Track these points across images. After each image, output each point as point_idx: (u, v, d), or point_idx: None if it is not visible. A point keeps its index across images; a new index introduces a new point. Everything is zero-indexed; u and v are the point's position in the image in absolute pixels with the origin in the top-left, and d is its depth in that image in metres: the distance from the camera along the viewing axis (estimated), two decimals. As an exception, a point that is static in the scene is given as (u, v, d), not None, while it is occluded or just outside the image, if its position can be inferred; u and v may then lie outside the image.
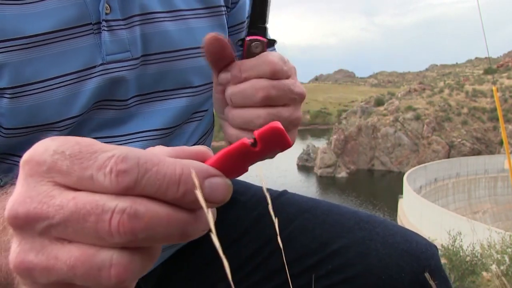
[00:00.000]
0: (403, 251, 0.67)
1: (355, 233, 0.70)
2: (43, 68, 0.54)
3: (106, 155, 0.26)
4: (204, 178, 0.27)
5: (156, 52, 0.61)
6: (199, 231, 0.28)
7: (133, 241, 0.25)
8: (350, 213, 0.75)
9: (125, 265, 0.25)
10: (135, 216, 0.25)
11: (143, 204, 0.25)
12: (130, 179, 0.25)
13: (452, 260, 9.25)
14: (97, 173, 0.25)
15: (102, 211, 0.25)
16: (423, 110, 52.69)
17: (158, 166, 0.26)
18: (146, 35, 0.60)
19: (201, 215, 0.28)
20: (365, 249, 0.68)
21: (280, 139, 0.30)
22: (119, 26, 0.58)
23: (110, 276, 0.25)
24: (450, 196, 33.94)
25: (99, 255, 0.25)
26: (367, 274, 0.66)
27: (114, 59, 0.58)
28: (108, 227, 0.25)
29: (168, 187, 0.26)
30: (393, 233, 0.70)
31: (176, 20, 0.63)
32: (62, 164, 0.26)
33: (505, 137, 7.54)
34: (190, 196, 0.27)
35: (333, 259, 0.69)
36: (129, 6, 0.59)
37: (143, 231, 0.25)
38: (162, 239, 0.26)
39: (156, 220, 0.25)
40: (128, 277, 0.26)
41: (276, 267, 0.73)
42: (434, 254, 0.69)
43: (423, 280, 0.65)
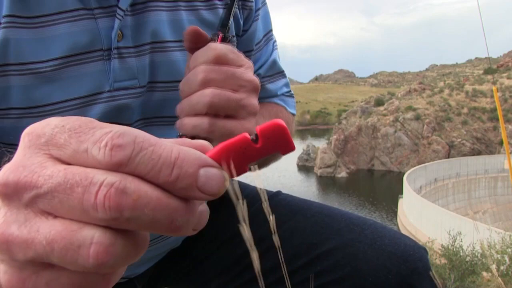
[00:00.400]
0: (390, 253, 0.68)
1: (344, 235, 0.71)
2: (52, 92, 0.54)
3: (104, 131, 0.26)
4: (200, 166, 0.26)
5: (163, 80, 0.62)
6: (189, 225, 0.27)
7: (118, 219, 0.24)
8: (340, 215, 0.76)
9: (106, 246, 0.24)
10: (123, 192, 0.24)
11: (133, 182, 0.25)
12: (124, 155, 0.25)
13: (452, 260, 9.25)
14: (92, 147, 0.25)
15: (90, 183, 0.24)
16: (423, 110, 52.68)
17: (154, 146, 0.26)
18: (154, 63, 0.61)
19: (194, 208, 0.27)
20: (354, 251, 0.69)
21: (282, 138, 0.29)
22: (129, 54, 0.58)
23: (89, 255, 0.24)
24: (450, 196, 33.92)
25: (81, 232, 0.24)
26: (355, 275, 0.67)
27: (121, 86, 0.58)
28: (94, 199, 0.24)
29: (162, 168, 0.25)
30: (382, 235, 0.70)
31: (185, 50, 0.62)
32: (60, 137, 0.26)
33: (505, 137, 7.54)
34: (183, 182, 0.26)
35: (322, 260, 0.70)
36: (141, 34, 0.59)
37: (130, 210, 0.24)
38: (148, 223, 0.25)
39: (144, 200, 0.25)
40: (108, 260, 0.24)
41: (268, 266, 0.73)
42: (422, 257, 0.69)
43: (410, 282, 0.66)
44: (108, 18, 0.56)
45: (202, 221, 0.28)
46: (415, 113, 51.49)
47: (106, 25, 0.56)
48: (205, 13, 0.65)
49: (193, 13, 0.64)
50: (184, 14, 0.63)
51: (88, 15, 0.55)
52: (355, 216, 0.76)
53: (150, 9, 0.59)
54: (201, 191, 0.26)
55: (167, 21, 0.61)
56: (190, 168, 0.26)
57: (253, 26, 0.72)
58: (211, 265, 0.80)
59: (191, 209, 0.27)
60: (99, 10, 0.55)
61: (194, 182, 0.26)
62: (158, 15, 0.60)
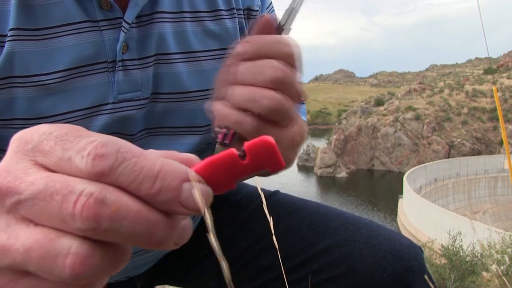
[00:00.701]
0: (385, 252, 0.69)
1: (340, 234, 0.72)
2: (56, 103, 0.54)
3: (89, 140, 0.25)
4: (183, 180, 0.26)
5: (166, 92, 0.61)
6: (170, 240, 0.26)
7: (96, 230, 0.24)
8: (336, 214, 0.77)
9: (84, 257, 0.24)
10: (102, 202, 0.24)
11: (114, 193, 0.25)
12: (106, 164, 0.25)
13: (452, 260, 9.26)
14: (76, 155, 0.25)
15: (70, 191, 0.24)
16: (423, 110, 52.69)
17: (138, 157, 0.25)
18: (158, 75, 0.60)
19: (177, 223, 0.27)
20: (349, 249, 0.70)
21: (271, 155, 0.29)
22: (133, 66, 0.58)
23: (65, 266, 0.24)
24: (450, 196, 33.94)
25: (59, 241, 0.24)
26: (350, 274, 0.68)
27: (125, 98, 0.58)
28: (72, 208, 0.24)
29: (144, 181, 0.25)
30: (377, 234, 0.71)
31: (189, 61, 0.62)
32: (47, 144, 0.26)
33: (505, 137, 7.54)
34: (165, 195, 0.25)
35: (318, 259, 0.71)
36: (146, 46, 0.58)
37: (108, 221, 0.24)
38: (127, 235, 0.25)
39: (124, 212, 0.24)
40: (85, 271, 0.24)
41: (265, 265, 0.75)
42: (417, 255, 0.70)
43: (405, 280, 0.67)
44: (113, 30, 0.55)
45: (185, 236, 0.28)
46: (415, 113, 51.51)
47: (111, 37, 0.55)
48: (210, 24, 0.64)
49: (198, 24, 0.63)
50: (189, 26, 0.62)
51: (94, 27, 0.54)
52: (351, 216, 0.77)
53: (155, 20, 0.59)
54: (183, 206, 0.26)
55: (172, 32, 0.60)
56: (173, 181, 0.26)
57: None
58: (209, 264, 0.81)
59: (173, 224, 0.26)
60: (104, 22, 0.55)
61: (177, 196, 0.26)
62: (163, 27, 0.59)
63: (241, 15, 0.67)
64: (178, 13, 0.61)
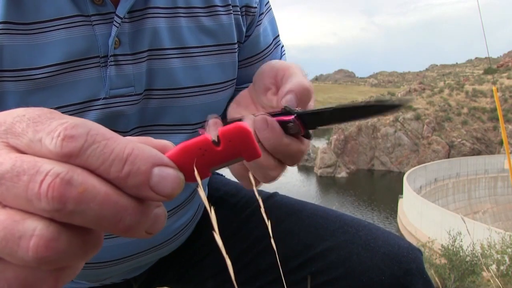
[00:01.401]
0: (384, 255, 0.68)
1: (338, 236, 0.72)
2: (47, 98, 0.53)
3: (60, 121, 0.25)
4: (154, 164, 0.26)
5: (160, 88, 0.60)
6: (140, 226, 0.26)
7: (61, 211, 0.23)
8: (335, 216, 0.76)
9: (48, 239, 0.23)
10: (68, 183, 0.23)
11: (81, 174, 0.24)
12: (75, 146, 0.24)
13: (452, 260, 9.26)
14: (46, 136, 0.25)
15: (36, 171, 0.24)
16: (423, 110, 52.68)
17: (108, 140, 0.25)
18: (151, 70, 0.59)
19: (148, 210, 0.26)
20: (347, 252, 0.70)
21: (246, 143, 0.28)
22: (126, 61, 0.57)
23: (28, 248, 0.23)
24: (450, 196, 33.95)
25: (24, 223, 0.24)
26: (348, 276, 0.68)
27: (117, 93, 0.57)
28: (38, 188, 0.23)
29: (113, 163, 0.25)
30: (376, 237, 0.71)
31: (183, 57, 0.61)
32: (19, 126, 0.26)
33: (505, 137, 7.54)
34: (134, 179, 0.25)
35: (316, 261, 0.71)
36: (139, 41, 0.58)
37: (74, 202, 0.23)
38: (94, 219, 0.24)
39: (91, 194, 0.24)
40: (49, 255, 0.23)
41: (263, 267, 0.75)
42: (416, 258, 0.70)
43: (403, 282, 0.66)
44: (105, 24, 0.55)
45: (157, 225, 0.27)
46: (415, 113, 51.50)
47: (103, 32, 0.55)
48: (205, 20, 0.63)
49: (193, 19, 0.62)
50: (183, 21, 0.61)
51: (85, 21, 0.54)
52: (350, 218, 0.77)
53: (149, 16, 0.58)
54: (153, 190, 0.26)
55: (166, 28, 0.60)
56: (143, 165, 0.25)
57: (256, 31, 0.70)
58: (207, 266, 0.81)
59: (143, 210, 0.26)
60: (96, 17, 0.54)
61: (146, 180, 0.25)
62: (156, 22, 0.59)
63: (238, 12, 0.66)
64: (172, 8, 0.60)
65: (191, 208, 0.77)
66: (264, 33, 0.72)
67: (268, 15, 0.73)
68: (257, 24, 0.70)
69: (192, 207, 0.77)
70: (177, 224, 0.75)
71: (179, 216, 0.74)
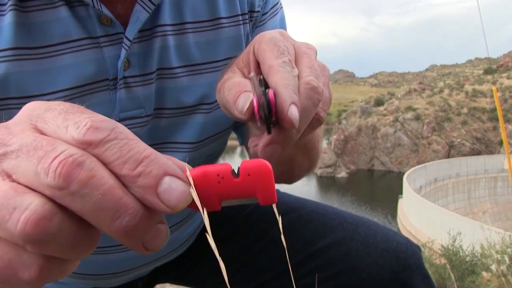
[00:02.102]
0: (382, 250, 0.69)
1: (337, 233, 0.73)
2: None
3: (90, 115, 0.27)
4: (167, 173, 0.26)
5: (170, 107, 0.59)
6: (137, 232, 0.26)
7: (64, 190, 0.24)
8: (334, 213, 0.77)
9: (40, 216, 0.23)
10: (79, 165, 0.24)
11: (94, 162, 0.25)
12: (97, 136, 0.25)
13: (452, 260, 9.27)
14: (73, 125, 0.26)
15: (53, 149, 0.24)
16: (423, 110, 52.68)
17: (130, 140, 0.26)
18: (161, 90, 0.58)
19: (149, 216, 0.26)
20: (346, 248, 0.71)
21: (265, 182, 0.27)
22: (135, 83, 0.55)
23: (19, 220, 0.23)
24: (450, 196, 33.93)
25: (23, 195, 0.24)
26: (347, 272, 0.69)
27: (128, 116, 0.56)
28: (49, 163, 0.24)
29: (128, 161, 0.25)
30: (374, 233, 0.72)
31: (192, 75, 0.60)
32: (51, 114, 0.27)
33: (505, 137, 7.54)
34: (144, 180, 0.25)
35: (316, 257, 0.72)
36: (148, 62, 0.56)
37: (79, 184, 0.24)
38: (93, 207, 0.24)
39: (98, 181, 0.24)
40: (36, 232, 0.23)
41: (264, 265, 0.76)
42: (414, 253, 0.71)
43: (402, 278, 0.67)
44: (113, 46, 0.53)
45: (156, 240, 0.27)
46: (415, 113, 51.49)
47: (112, 53, 0.53)
48: (213, 34, 0.61)
49: (201, 35, 0.60)
50: (191, 37, 0.59)
51: (93, 44, 0.52)
52: (349, 215, 0.77)
53: (157, 34, 0.56)
54: (159, 197, 0.26)
55: (174, 45, 0.58)
56: (156, 170, 0.26)
57: (257, 31, 0.66)
58: (208, 264, 0.81)
59: (144, 216, 0.26)
60: (105, 39, 0.53)
61: (155, 184, 0.25)
62: (165, 41, 0.57)
63: (246, 20, 0.64)
64: (179, 24, 0.58)
65: (198, 216, 0.77)
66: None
67: (275, 17, 0.68)
68: (258, 25, 0.66)
69: (199, 215, 0.77)
70: (185, 234, 0.76)
71: (187, 226, 0.76)
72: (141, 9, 0.53)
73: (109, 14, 0.51)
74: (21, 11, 0.49)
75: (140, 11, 0.53)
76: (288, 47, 0.40)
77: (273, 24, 0.68)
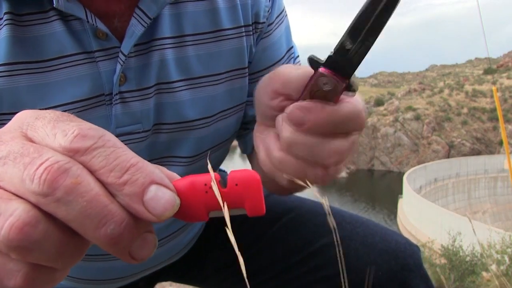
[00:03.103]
0: (381, 250, 0.69)
1: (336, 232, 0.71)
2: None
3: (78, 124, 0.26)
4: (153, 181, 0.26)
5: (169, 122, 0.58)
6: (124, 241, 0.25)
7: (49, 197, 0.24)
8: (333, 213, 0.77)
9: (25, 222, 0.23)
10: (65, 172, 0.24)
11: (80, 169, 0.25)
12: (83, 144, 0.25)
13: (452, 260, 9.27)
14: (61, 133, 0.26)
15: (39, 155, 0.24)
16: (423, 110, 52.69)
17: (117, 148, 0.26)
18: (160, 105, 0.56)
19: (136, 225, 0.26)
20: (345, 248, 0.70)
21: (253, 193, 0.27)
22: (132, 98, 0.54)
23: (3, 226, 0.23)
24: (450, 196, 33.94)
25: (9, 202, 0.24)
26: (346, 272, 0.69)
27: (124, 131, 0.54)
28: (35, 169, 0.24)
29: (114, 169, 0.25)
30: (373, 233, 0.72)
31: (192, 88, 0.58)
32: (41, 122, 0.27)
33: (505, 137, 7.55)
34: (130, 188, 0.25)
35: (315, 257, 0.72)
36: (146, 76, 0.54)
37: (64, 190, 0.24)
38: (78, 215, 0.24)
39: (83, 188, 0.24)
40: (20, 238, 0.23)
41: (264, 264, 0.76)
42: (413, 253, 0.70)
43: (401, 277, 0.67)
44: (109, 60, 0.52)
45: (143, 250, 0.27)
46: (415, 113, 51.50)
47: (108, 68, 0.52)
48: (214, 46, 0.59)
49: (201, 47, 0.58)
50: (191, 50, 0.57)
51: (89, 58, 0.51)
52: (348, 214, 0.78)
53: (155, 48, 0.54)
54: (145, 206, 0.25)
55: (173, 59, 0.56)
56: (142, 178, 0.25)
57: (261, 44, 0.64)
58: (209, 262, 0.82)
59: (130, 225, 0.25)
60: (100, 53, 0.51)
61: (141, 193, 0.25)
62: (163, 54, 0.55)
63: (250, 32, 0.62)
64: (179, 37, 0.56)
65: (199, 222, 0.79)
66: (275, 46, 0.66)
67: (281, 26, 0.66)
68: (263, 36, 0.64)
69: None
70: (186, 239, 0.77)
71: (188, 232, 0.76)
72: (136, 23, 0.51)
73: (104, 28, 0.50)
74: (17, 25, 0.48)
75: (136, 25, 0.51)
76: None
77: (279, 33, 0.66)
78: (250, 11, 0.61)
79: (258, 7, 0.61)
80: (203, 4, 0.57)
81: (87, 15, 0.49)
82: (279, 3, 0.66)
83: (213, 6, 0.58)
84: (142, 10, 0.51)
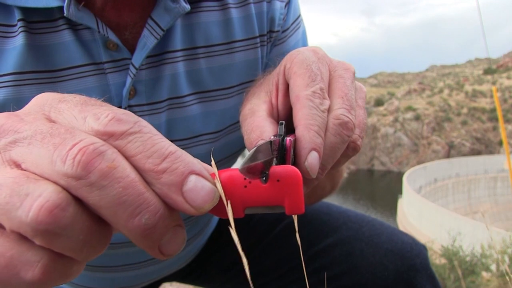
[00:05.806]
0: (387, 250, 0.68)
1: (341, 232, 0.72)
2: None
3: (111, 108, 0.25)
4: (193, 171, 0.24)
5: (179, 138, 0.56)
6: (157, 233, 0.24)
7: (82, 180, 0.22)
8: (338, 212, 0.77)
9: (55, 204, 0.21)
10: (100, 154, 0.22)
11: (116, 153, 0.23)
12: (119, 127, 0.24)
13: (452, 260, 9.27)
14: (92, 116, 0.24)
15: (72, 136, 0.23)
16: (423, 110, 52.70)
17: (154, 135, 0.24)
18: (171, 120, 0.54)
19: (171, 215, 0.24)
20: (350, 248, 0.70)
21: (293, 190, 0.25)
22: (142, 112, 0.52)
23: (31, 207, 0.21)
24: (450, 196, 33.94)
25: (36, 182, 0.22)
26: (351, 272, 0.68)
27: None
28: (67, 150, 0.22)
29: (151, 155, 0.24)
30: (379, 233, 0.71)
31: (203, 102, 0.56)
32: (66, 105, 0.26)
33: (504, 137, 7.55)
34: (168, 177, 0.23)
35: (320, 257, 0.71)
36: (157, 91, 0.52)
37: (99, 174, 0.22)
38: (112, 201, 0.22)
39: (119, 173, 0.22)
40: (49, 221, 0.21)
41: (268, 265, 0.76)
42: (420, 253, 0.69)
43: (407, 278, 0.66)
44: (119, 73, 0.50)
45: (173, 244, 0.25)
46: (415, 113, 51.51)
47: (117, 81, 0.50)
48: (225, 58, 0.57)
49: (213, 59, 0.56)
50: (203, 63, 0.55)
51: (98, 70, 0.49)
52: (353, 214, 0.77)
53: (167, 61, 0.52)
54: (184, 196, 0.24)
55: (184, 72, 0.54)
56: (182, 167, 0.24)
57: (276, 50, 0.62)
58: (213, 263, 0.82)
59: (165, 215, 0.24)
60: (110, 64, 0.49)
61: (181, 182, 0.24)
62: (175, 68, 0.53)
63: (264, 42, 0.60)
64: (191, 49, 0.54)
65: (208, 230, 0.78)
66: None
67: (297, 32, 0.64)
68: (277, 44, 0.62)
69: (209, 229, 0.78)
70: (196, 247, 0.77)
71: (199, 241, 0.76)
72: (149, 34, 0.49)
73: (115, 39, 0.48)
74: (30, 32, 0.46)
75: (148, 37, 0.49)
76: (322, 70, 0.37)
77: (294, 40, 0.63)
78: (265, 20, 0.59)
79: (273, 14, 0.59)
80: (216, 14, 0.55)
81: (98, 25, 0.47)
82: (294, 9, 0.63)
83: (227, 17, 0.56)
84: (154, 21, 0.49)
